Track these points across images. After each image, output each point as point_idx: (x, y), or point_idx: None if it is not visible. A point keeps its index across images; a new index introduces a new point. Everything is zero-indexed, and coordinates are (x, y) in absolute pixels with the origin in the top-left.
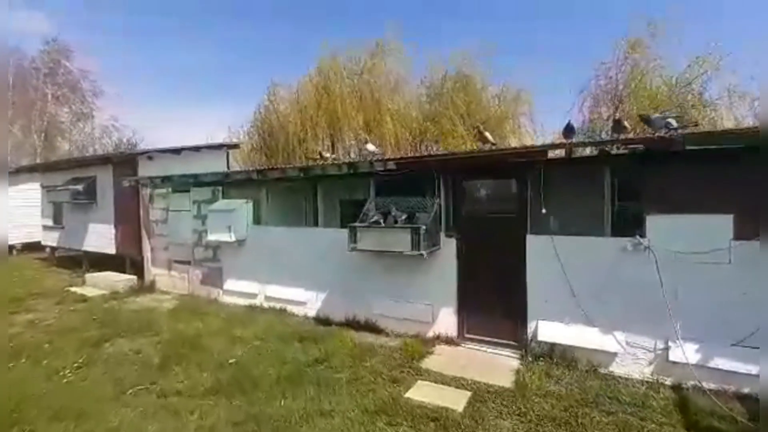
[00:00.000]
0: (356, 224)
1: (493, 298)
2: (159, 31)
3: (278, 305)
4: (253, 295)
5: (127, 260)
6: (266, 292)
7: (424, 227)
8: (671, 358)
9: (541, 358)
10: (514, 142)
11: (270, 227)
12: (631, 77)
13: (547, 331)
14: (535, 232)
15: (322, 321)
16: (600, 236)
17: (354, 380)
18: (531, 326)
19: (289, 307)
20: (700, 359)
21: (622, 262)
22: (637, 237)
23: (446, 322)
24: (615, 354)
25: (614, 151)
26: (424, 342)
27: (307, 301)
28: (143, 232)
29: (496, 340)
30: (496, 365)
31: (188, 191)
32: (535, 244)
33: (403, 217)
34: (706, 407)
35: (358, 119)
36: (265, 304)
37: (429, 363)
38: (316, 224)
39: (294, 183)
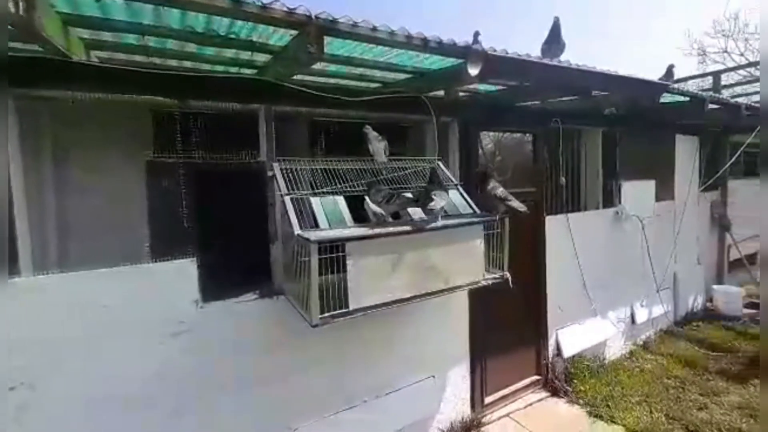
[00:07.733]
0: (360, 227)
1: (512, 325)
2: None
3: None
4: None
5: None
6: None
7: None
8: (637, 320)
9: (573, 379)
10: None
11: None
12: None
13: (568, 340)
14: (550, 212)
15: None
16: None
17: None
18: (551, 342)
19: None
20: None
21: (614, 231)
22: (618, 204)
23: (456, 394)
24: (606, 339)
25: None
26: None
27: None
28: None
29: (519, 385)
30: None
31: None
32: (552, 229)
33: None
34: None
35: None
36: None
37: None
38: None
39: None
